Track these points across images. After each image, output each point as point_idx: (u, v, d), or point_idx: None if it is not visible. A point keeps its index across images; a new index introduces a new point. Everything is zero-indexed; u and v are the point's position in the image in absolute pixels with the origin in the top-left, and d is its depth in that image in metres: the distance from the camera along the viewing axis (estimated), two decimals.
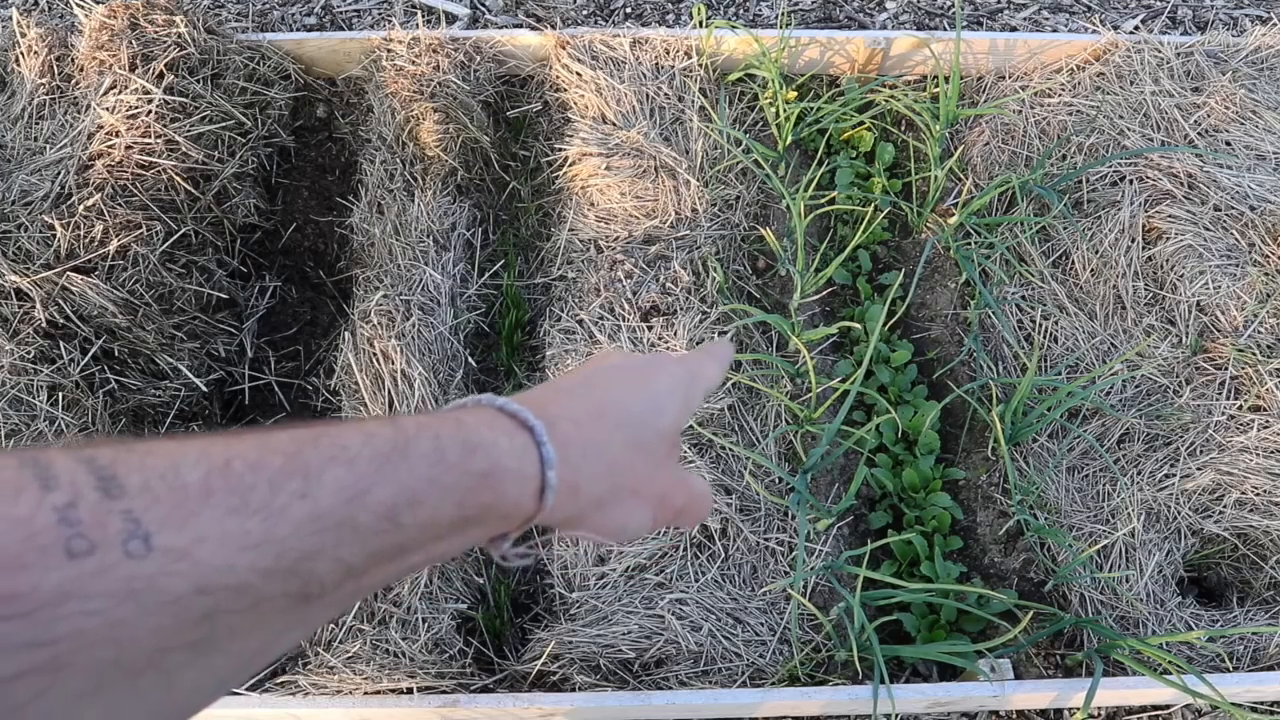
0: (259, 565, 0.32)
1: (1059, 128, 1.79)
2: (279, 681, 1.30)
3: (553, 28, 1.83)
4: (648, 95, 1.75)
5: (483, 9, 2.23)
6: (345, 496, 0.36)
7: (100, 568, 0.28)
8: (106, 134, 1.56)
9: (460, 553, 0.47)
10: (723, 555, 1.41)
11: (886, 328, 1.69)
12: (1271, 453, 1.49)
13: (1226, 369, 1.55)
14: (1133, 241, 1.66)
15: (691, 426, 1.46)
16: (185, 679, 0.31)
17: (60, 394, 1.38)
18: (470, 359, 1.61)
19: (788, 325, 1.54)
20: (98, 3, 1.71)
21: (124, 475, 0.31)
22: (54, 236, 1.46)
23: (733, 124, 1.85)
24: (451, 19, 2.21)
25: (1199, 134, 1.73)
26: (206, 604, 0.31)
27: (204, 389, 1.55)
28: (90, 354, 1.43)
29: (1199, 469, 1.49)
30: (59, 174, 1.54)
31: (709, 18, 2.04)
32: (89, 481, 0.30)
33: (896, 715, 1.42)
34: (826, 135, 1.89)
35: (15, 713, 0.27)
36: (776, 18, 2.24)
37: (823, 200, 1.77)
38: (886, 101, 1.85)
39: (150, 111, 1.58)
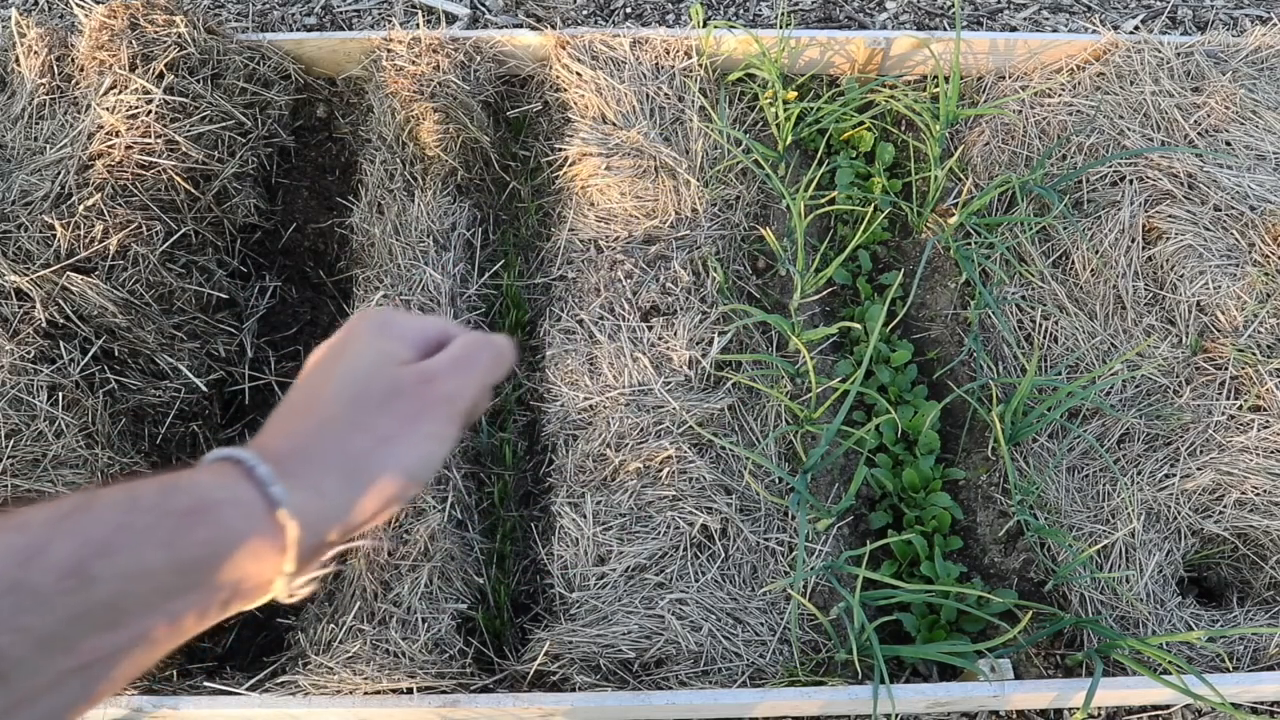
0: None
1: (1059, 128, 1.79)
2: (279, 682, 1.29)
3: (553, 28, 1.83)
4: (648, 95, 1.75)
5: (483, 9, 2.23)
6: (16, 560, 0.34)
7: None
8: (106, 134, 1.56)
9: (234, 609, 0.44)
10: (723, 555, 1.41)
11: (886, 328, 1.69)
12: (1271, 453, 1.49)
13: (1226, 369, 1.55)
14: (1133, 241, 1.66)
15: (691, 426, 1.46)
16: None
17: (60, 394, 1.38)
18: None
19: (788, 325, 1.54)
20: (98, 3, 1.71)
21: None
22: (54, 236, 1.47)
23: (733, 124, 1.85)
24: (451, 19, 2.21)
25: (1199, 134, 1.73)
26: None
27: (204, 389, 1.55)
28: (90, 354, 1.43)
29: (1199, 469, 1.49)
30: (59, 174, 1.54)
31: (709, 18, 2.04)
32: None
33: (896, 715, 1.42)
34: (826, 135, 1.89)
35: None
36: (776, 18, 2.24)
37: (823, 200, 1.77)
38: (886, 101, 1.85)
39: (150, 111, 1.58)
